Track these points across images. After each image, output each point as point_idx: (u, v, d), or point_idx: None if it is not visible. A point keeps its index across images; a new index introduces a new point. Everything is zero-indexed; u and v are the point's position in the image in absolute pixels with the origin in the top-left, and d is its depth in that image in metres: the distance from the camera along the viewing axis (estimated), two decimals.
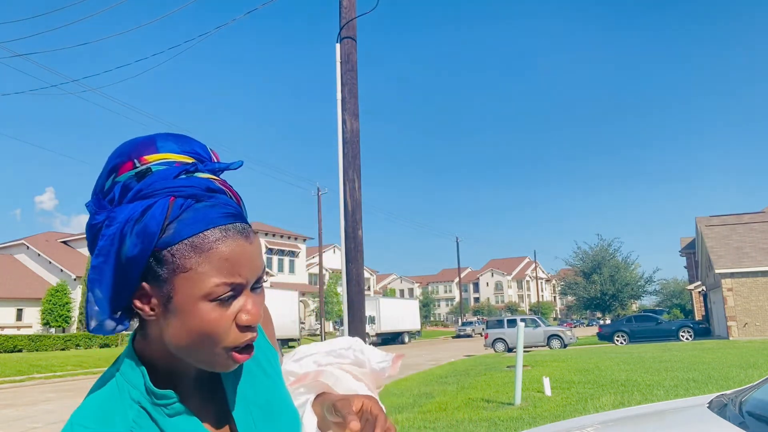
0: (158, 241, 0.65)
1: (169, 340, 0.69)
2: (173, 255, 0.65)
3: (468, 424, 7.34)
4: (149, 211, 0.65)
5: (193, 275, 0.65)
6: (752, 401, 2.22)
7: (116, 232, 0.65)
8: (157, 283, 0.66)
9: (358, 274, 10.77)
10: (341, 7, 11.24)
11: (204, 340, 0.67)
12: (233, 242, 0.67)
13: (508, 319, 27.17)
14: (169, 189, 0.66)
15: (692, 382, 10.15)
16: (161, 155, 0.69)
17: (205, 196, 0.68)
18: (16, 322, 36.02)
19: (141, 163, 0.68)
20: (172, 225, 0.66)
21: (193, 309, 0.66)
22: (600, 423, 2.67)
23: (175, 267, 0.65)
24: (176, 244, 0.65)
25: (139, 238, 0.65)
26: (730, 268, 27.38)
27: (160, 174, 0.67)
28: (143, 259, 0.65)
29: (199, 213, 0.67)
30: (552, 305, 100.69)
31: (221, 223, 0.67)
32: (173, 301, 0.66)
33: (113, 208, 0.67)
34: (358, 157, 11.00)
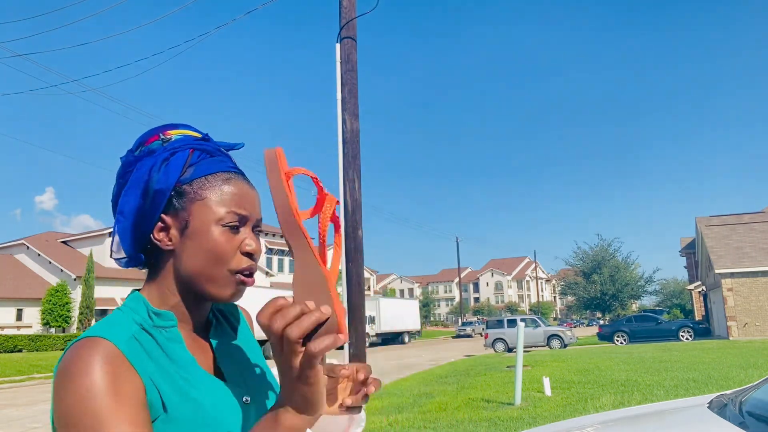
0: (180, 178, 0.80)
1: (183, 265, 0.80)
2: (192, 187, 0.80)
3: (468, 424, 7.34)
4: (173, 156, 0.81)
5: (207, 203, 0.80)
6: (752, 401, 2.22)
7: (146, 169, 0.81)
8: (176, 213, 0.80)
9: (358, 274, 10.76)
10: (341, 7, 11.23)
11: (215, 260, 0.79)
12: (241, 183, 0.84)
13: (508, 319, 27.15)
14: (189, 145, 0.84)
15: (692, 382, 10.15)
16: (181, 131, 0.86)
17: (218, 153, 0.86)
18: (16, 322, 36.00)
19: (165, 136, 0.84)
20: (191, 167, 0.82)
21: (207, 231, 0.79)
22: (600, 423, 2.67)
23: (193, 196, 0.80)
24: (195, 179, 0.81)
25: (164, 174, 0.80)
26: (730, 268, 27.37)
27: (181, 138, 0.85)
28: (167, 191, 0.80)
29: (213, 161, 0.84)
30: (552, 305, 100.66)
31: (231, 169, 0.85)
32: (190, 226, 0.80)
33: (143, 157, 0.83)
34: (358, 157, 10.99)
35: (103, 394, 0.67)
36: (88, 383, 0.67)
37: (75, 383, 0.67)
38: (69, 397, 0.67)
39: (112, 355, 0.70)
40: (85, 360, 0.69)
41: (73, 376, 0.68)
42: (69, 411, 0.66)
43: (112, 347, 0.71)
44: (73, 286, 37.81)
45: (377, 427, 7.57)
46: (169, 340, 0.79)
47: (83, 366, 0.68)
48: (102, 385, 0.68)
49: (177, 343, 0.80)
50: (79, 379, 0.67)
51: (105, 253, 42.64)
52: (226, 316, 0.95)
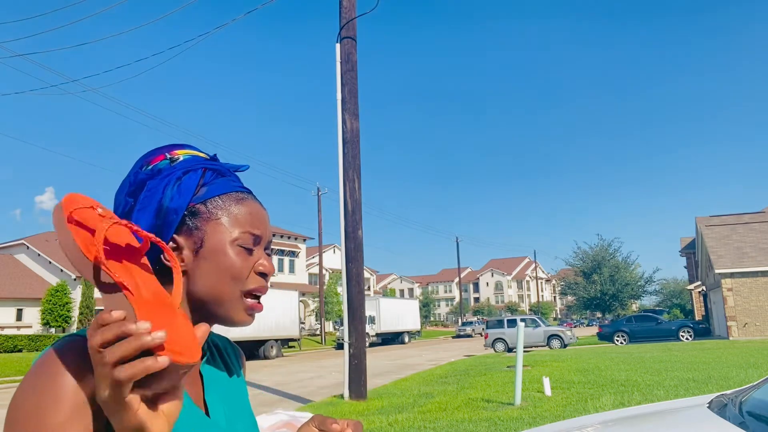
0: (193, 197, 0.79)
1: (196, 286, 0.78)
2: (206, 207, 0.79)
3: (468, 424, 7.34)
4: (186, 175, 0.79)
5: (223, 222, 0.79)
6: (752, 401, 2.22)
7: (160, 188, 0.78)
8: (189, 232, 0.78)
9: (358, 274, 10.77)
10: (341, 7, 11.23)
11: (230, 280, 0.78)
12: (253, 203, 0.84)
13: (508, 319, 27.14)
14: (201, 164, 0.82)
15: (692, 382, 10.15)
16: (188, 151, 0.84)
17: (228, 174, 0.85)
18: (16, 322, 36.01)
19: (172, 156, 0.82)
20: (204, 187, 0.80)
21: (223, 251, 0.78)
22: (600, 423, 2.67)
23: (208, 216, 0.79)
24: (209, 199, 0.80)
25: (178, 193, 0.78)
26: (730, 268, 27.37)
27: (190, 158, 0.82)
28: (181, 210, 0.77)
29: (225, 181, 0.83)
30: (552, 305, 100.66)
31: (242, 190, 0.84)
32: (205, 246, 0.78)
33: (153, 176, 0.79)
34: (358, 157, 10.99)
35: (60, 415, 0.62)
36: (51, 395, 0.63)
37: (39, 389, 0.64)
38: (27, 403, 0.63)
39: (83, 370, 0.65)
40: (57, 367, 0.65)
41: (40, 381, 0.64)
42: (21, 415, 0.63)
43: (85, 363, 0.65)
44: (73, 286, 37.82)
45: (377, 427, 7.57)
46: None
47: (53, 372, 0.65)
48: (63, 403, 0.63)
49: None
50: (43, 387, 0.64)
51: None
52: (219, 350, 0.93)
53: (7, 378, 18.58)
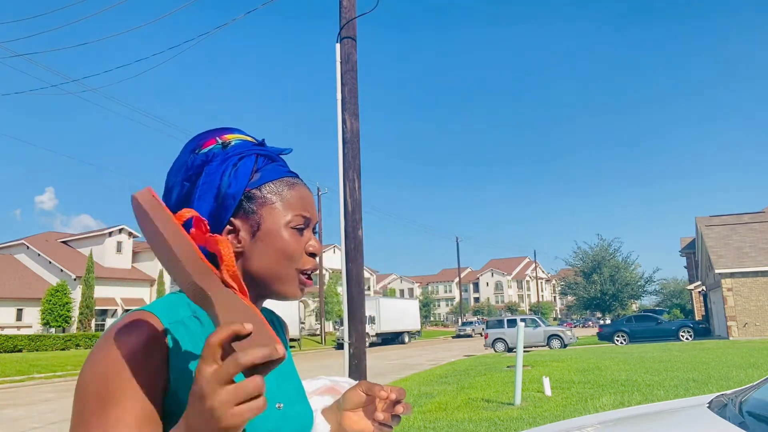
0: (248, 183, 0.84)
1: (253, 266, 0.83)
2: (261, 191, 0.84)
3: (468, 424, 7.34)
4: (241, 161, 0.84)
5: (277, 206, 0.84)
6: (752, 401, 2.22)
7: (218, 174, 0.83)
8: (245, 216, 0.83)
9: (358, 274, 10.75)
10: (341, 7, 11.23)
11: (286, 259, 0.84)
12: (302, 187, 0.89)
13: (508, 319, 27.14)
14: (254, 150, 0.86)
15: (692, 382, 10.15)
16: (238, 135, 0.89)
17: (278, 159, 0.90)
18: (16, 322, 36.01)
19: (223, 140, 0.86)
20: (257, 173, 0.85)
21: (279, 233, 0.83)
22: (600, 423, 2.67)
23: (264, 201, 0.84)
24: (263, 184, 0.85)
25: (234, 178, 0.83)
26: (730, 268, 27.37)
27: (242, 143, 0.87)
28: (238, 196, 0.83)
29: (276, 166, 0.88)
30: (552, 305, 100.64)
31: (292, 175, 0.90)
32: (262, 228, 0.83)
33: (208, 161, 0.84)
34: (358, 157, 10.98)
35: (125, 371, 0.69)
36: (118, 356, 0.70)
37: (107, 351, 0.71)
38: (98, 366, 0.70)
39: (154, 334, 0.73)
40: (128, 331, 0.72)
41: (110, 345, 0.71)
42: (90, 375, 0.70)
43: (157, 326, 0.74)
44: (73, 286, 37.82)
45: None
46: None
47: (123, 338, 0.71)
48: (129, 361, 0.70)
49: None
50: (113, 349, 0.71)
51: (105, 253, 42.64)
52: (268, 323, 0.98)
53: (7, 378, 18.57)
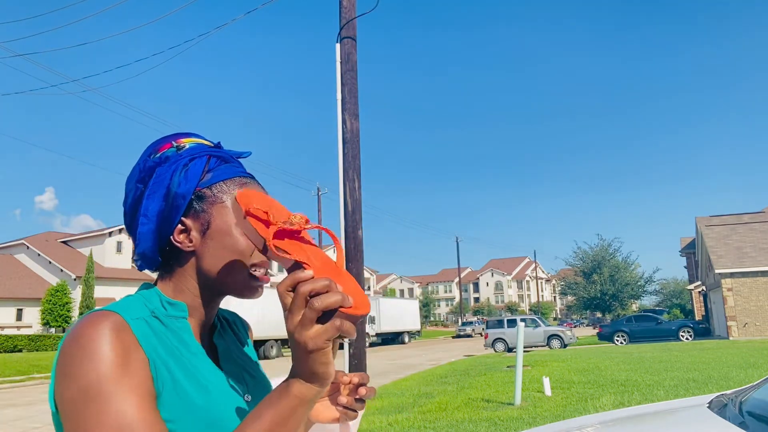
0: (199, 182, 0.85)
1: (205, 264, 0.85)
2: (212, 191, 0.86)
3: (468, 424, 7.34)
4: (193, 161, 0.86)
5: (228, 205, 0.85)
6: (752, 401, 2.22)
7: (168, 174, 0.84)
8: (196, 215, 0.85)
9: (358, 273, 10.75)
10: (341, 7, 11.23)
11: (237, 258, 0.84)
12: (255, 187, 0.90)
13: (508, 319, 27.14)
14: (206, 151, 0.88)
15: (692, 382, 10.15)
16: (194, 139, 0.90)
17: (231, 160, 0.91)
18: (16, 322, 36.02)
19: (178, 144, 0.88)
20: (209, 173, 0.87)
21: (229, 231, 0.84)
22: (600, 423, 2.67)
23: (213, 200, 0.85)
24: (214, 184, 0.86)
25: (185, 179, 0.84)
26: (730, 268, 27.37)
27: (196, 146, 0.89)
28: (188, 195, 0.84)
29: (229, 167, 0.89)
30: (552, 305, 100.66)
31: (245, 175, 0.90)
32: (212, 227, 0.85)
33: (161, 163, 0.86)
34: (358, 157, 10.98)
35: (111, 362, 0.70)
36: (96, 349, 0.70)
37: (85, 349, 0.70)
38: (76, 361, 0.70)
39: (121, 327, 0.74)
40: (96, 329, 0.72)
41: (83, 343, 0.70)
42: (75, 371, 0.69)
43: (122, 321, 0.74)
44: (73, 286, 37.82)
45: (377, 427, 7.57)
46: (181, 329, 0.84)
47: (93, 334, 0.71)
48: (111, 353, 0.70)
49: (188, 333, 0.84)
50: (89, 346, 0.70)
51: (105, 253, 42.64)
52: (229, 323, 1.01)
53: (7, 378, 18.57)
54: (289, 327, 0.67)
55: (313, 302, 0.65)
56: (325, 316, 0.67)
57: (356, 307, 0.68)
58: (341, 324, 0.66)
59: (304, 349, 0.67)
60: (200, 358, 0.83)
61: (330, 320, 0.66)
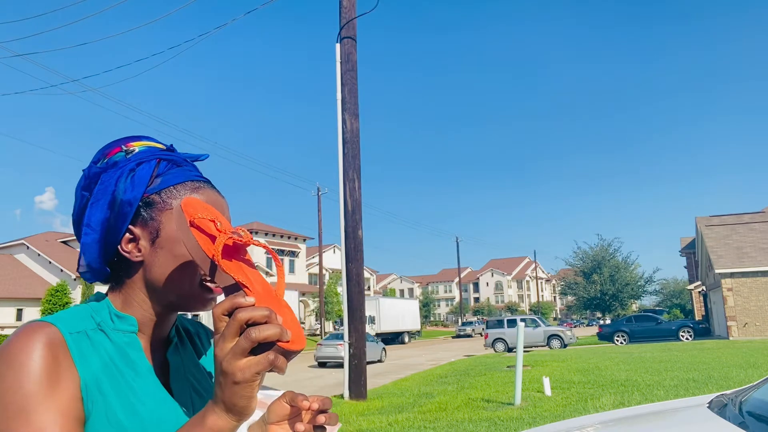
0: (147, 188, 0.80)
1: (154, 275, 0.80)
2: (160, 197, 0.80)
3: (468, 424, 7.34)
4: (140, 166, 0.81)
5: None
6: (752, 401, 2.21)
7: (112, 181, 0.80)
8: (145, 223, 0.80)
9: (358, 273, 10.76)
10: (341, 7, 11.23)
11: (187, 267, 0.79)
12: (209, 191, 0.84)
13: (508, 319, 27.14)
14: (156, 155, 0.83)
15: (692, 382, 10.15)
16: (145, 142, 0.86)
17: (184, 163, 0.86)
18: (16, 322, 36.00)
19: (128, 148, 0.83)
20: (158, 178, 0.81)
21: (179, 239, 0.79)
22: (600, 423, 2.67)
23: (162, 206, 0.80)
24: (163, 189, 0.81)
25: (131, 185, 0.79)
26: (730, 268, 27.36)
27: (146, 149, 0.84)
28: (135, 202, 0.79)
29: (180, 171, 0.84)
30: (552, 305, 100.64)
31: (198, 179, 0.85)
32: (161, 235, 0.79)
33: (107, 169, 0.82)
34: (358, 156, 10.98)
35: (38, 377, 0.67)
36: (24, 365, 0.67)
37: (12, 362, 0.67)
38: (1, 377, 0.67)
39: (55, 342, 0.70)
40: (27, 342, 0.69)
41: (11, 355, 0.68)
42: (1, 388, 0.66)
43: (57, 335, 0.71)
44: (73, 286, 37.81)
45: (377, 427, 7.57)
46: (128, 345, 0.79)
47: (24, 347, 0.68)
48: (39, 368, 0.67)
49: (136, 349, 0.79)
50: (17, 359, 0.67)
51: None
52: (191, 336, 0.94)
53: None
54: (218, 353, 0.63)
55: (249, 332, 0.61)
56: (259, 348, 0.62)
57: (293, 342, 0.64)
58: (275, 358, 0.62)
59: (230, 379, 0.62)
60: (144, 378, 0.78)
61: (264, 353, 0.62)
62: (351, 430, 7.47)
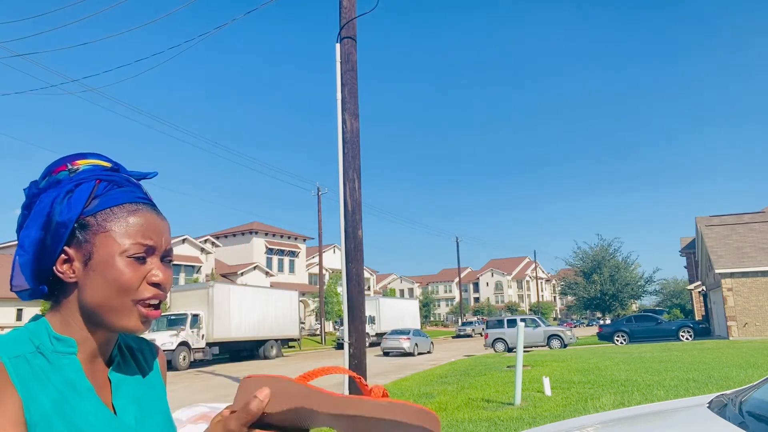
0: (84, 210, 0.80)
1: (87, 297, 0.79)
2: (96, 219, 0.80)
3: (468, 424, 7.34)
4: (78, 187, 0.81)
5: (112, 234, 0.79)
6: (752, 401, 2.21)
7: (48, 201, 0.80)
8: (79, 245, 0.79)
9: (358, 274, 10.75)
10: (341, 7, 11.23)
11: (119, 291, 0.79)
12: (147, 213, 0.83)
13: (508, 319, 27.15)
14: (96, 175, 0.83)
15: (692, 382, 10.15)
16: (90, 161, 0.85)
17: (126, 184, 0.85)
18: (16, 322, 36.03)
19: (73, 166, 0.83)
20: (96, 199, 0.81)
21: (111, 263, 0.79)
22: (600, 423, 2.67)
23: (97, 229, 0.79)
24: (99, 211, 0.80)
25: (67, 206, 0.79)
26: (730, 268, 27.37)
27: (89, 168, 0.83)
28: (70, 224, 0.79)
29: (120, 192, 0.83)
30: (552, 305, 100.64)
31: (138, 201, 0.84)
32: (94, 258, 0.79)
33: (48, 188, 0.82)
34: (358, 157, 10.98)
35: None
36: None
37: None
38: None
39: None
40: None
41: None
42: None
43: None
44: None
45: None
46: (67, 366, 0.79)
47: None
48: None
49: (75, 371, 0.79)
50: None
51: None
52: (134, 354, 0.94)
53: None
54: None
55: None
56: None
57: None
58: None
59: None
60: (86, 398, 0.78)
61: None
62: None
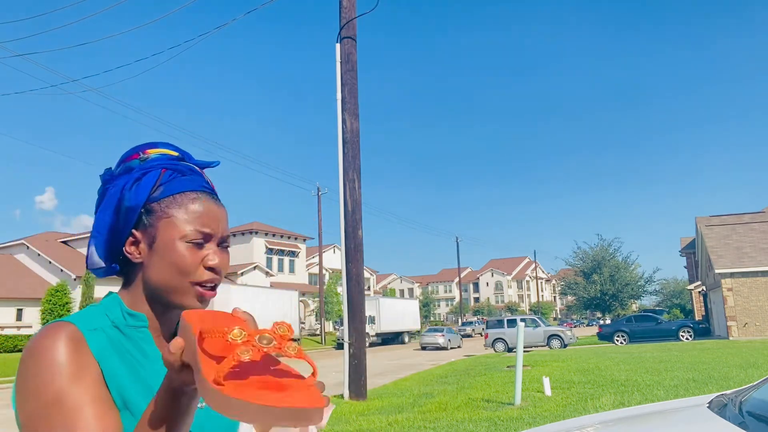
0: (150, 196, 0.87)
1: (150, 276, 0.87)
2: (160, 205, 0.87)
3: (468, 424, 7.34)
4: (146, 175, 0.89)
5: (173, 221, 0.86)
6: (752, 401, 2.21)
7: (119, 188, 0.89)
8: (145, 229, 0.87)
9: (358, 273, 10.76)
10: (341, 7, 11.22)
11: (178, 273, 0.85)
12: (207, 202, 0.90)
13: (508, 319, 27.14)
14: (162, 164, 0.90)
15: (692, 382, 10.14)
16: (159, 150, 0.93)
17: (189, 172, 0.92)
18: (16, 322, 35.98)
19: (144, 155, 0.92)
20: (161, 187, 0.88)
21: (172, 247, 0.86)
22: (600, 423, 2.67)
23: (161, 214, 0.87)
24: (163, 198, 0.88)
25: (135, 193, 0.87)
26: (730, 268, 27.36)
27: (157, 157, 0.92)
28: (137, 209, 0.87)
29: (183, 181, 0.90)
30: (552, 305, 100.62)
31: (199, 189, 0.91)
32: (157, 241, 0.86)
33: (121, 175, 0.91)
34: (358, 157, 10.98)
35: (65, 369, 0.74)
36: (51, 359, 0.75)
37: (38, 359, 0.75)
38: (31, 372, 0.74)
39: (75, 337, 0.78)
40: (50, 339, 0.76)
41: (37, 353, 0.75)
42: (31, 384, 0.74)
43: (76, 331, 0.79)
44: (73, 286, 37.79)
45: (377, 427, 7.57)
46: (140, 339, 0.87)
47: (48, 344, 0.76)
48: (64, 362, 0.75)
49: (148, 343, 0.88)
50: (42, 356, 0.75)
51: None
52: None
53: (7, 378, 18.57)
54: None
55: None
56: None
57: None
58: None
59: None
60: (158, 363, 0.86)
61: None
62: (351, 430, 7.46)
